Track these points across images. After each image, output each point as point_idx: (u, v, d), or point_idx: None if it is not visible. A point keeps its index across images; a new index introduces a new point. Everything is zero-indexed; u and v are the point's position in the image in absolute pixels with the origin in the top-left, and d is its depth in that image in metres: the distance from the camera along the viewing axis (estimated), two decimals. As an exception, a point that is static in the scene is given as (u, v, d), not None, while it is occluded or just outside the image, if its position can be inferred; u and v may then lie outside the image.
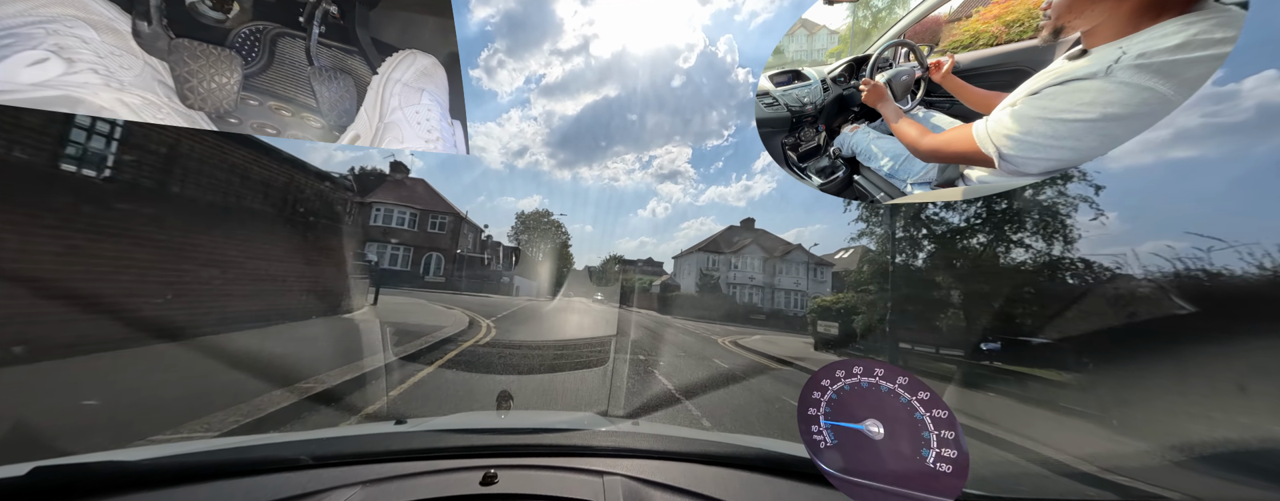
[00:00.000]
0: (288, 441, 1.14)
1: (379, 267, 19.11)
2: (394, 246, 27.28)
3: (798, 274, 34.35)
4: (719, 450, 1.18)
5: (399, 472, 0.97)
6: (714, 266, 34.65)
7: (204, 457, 0.99)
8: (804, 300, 29.54)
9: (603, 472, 1.02)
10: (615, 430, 1.35)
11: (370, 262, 15.56)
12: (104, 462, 0.87)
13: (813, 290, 32.56)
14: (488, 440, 1.16)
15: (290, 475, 0.94)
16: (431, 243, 28.95)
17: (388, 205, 27.92)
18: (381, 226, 27.22)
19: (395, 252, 27.45)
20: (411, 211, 28.66)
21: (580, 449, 1.15)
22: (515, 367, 5.90)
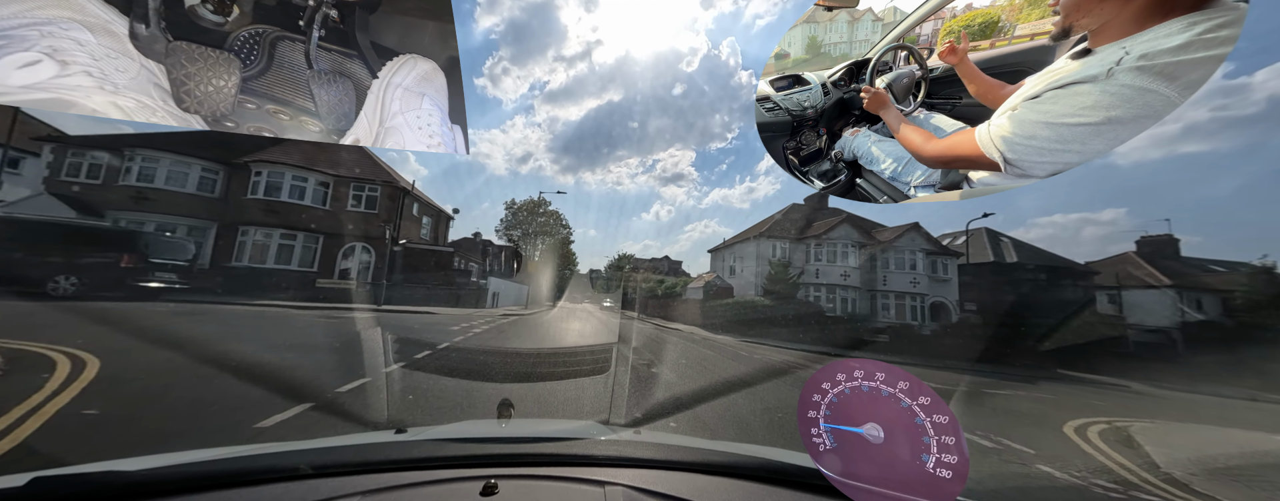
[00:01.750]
0: (288, 451, 1.12)
1: (194, 262, 12.52)
2: (270, 230, 17.03)
3: (913, 267, 21.74)
4: (721, 459, 1.17)
5: (399, 482, 0.96)
6: (787, 256, 22.78)
7: (203, 467, 0.98)
8: (925, 306, 21.21)
9: (604, 482, 1.01)
10: (616, 439, 1.33)
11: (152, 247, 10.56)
12: (103, 472, 0.87)
13: (936, 292, 21.75)
14: (488, 449, 1.15)
15: (290, 485, 0.93)
16: (353, 228, 18.71)
17: (274, 166, 17.33)
18: (262, 201, 17.00)
19: (288, 243, 17.40)
20: (320, 179, 18.21)
21: (581, 458, 1.14)
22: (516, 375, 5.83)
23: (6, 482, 0.79)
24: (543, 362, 6.83)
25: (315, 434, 3.44)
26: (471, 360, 6.35)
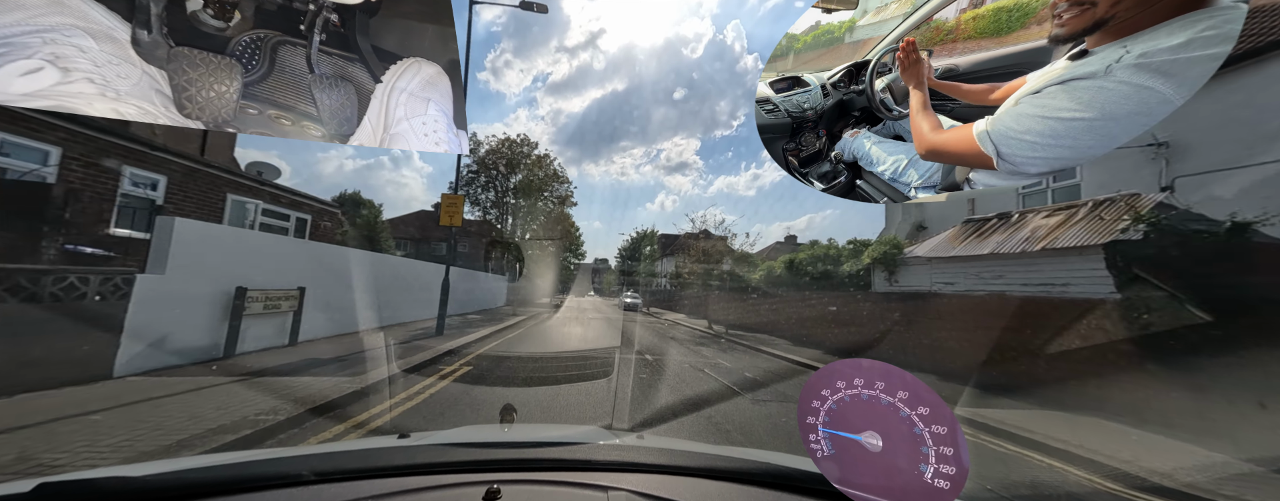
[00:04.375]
0: (290, 456, 1.12)
1: None
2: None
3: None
4: (725, 464, 1.17)
5: (402, 488, 0.96)
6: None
7: (208, 473, 0.98)
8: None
9: (607, 487, 1.01)
10: (620, 444, 1.33)
11: None
12: (109, 478, 0.87)
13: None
14: (491, 454, 1.15)
15: (293, 490, 0.93)
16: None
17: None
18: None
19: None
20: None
21: (584, 463, 1.14)
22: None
23: (13, 488, 0.80)
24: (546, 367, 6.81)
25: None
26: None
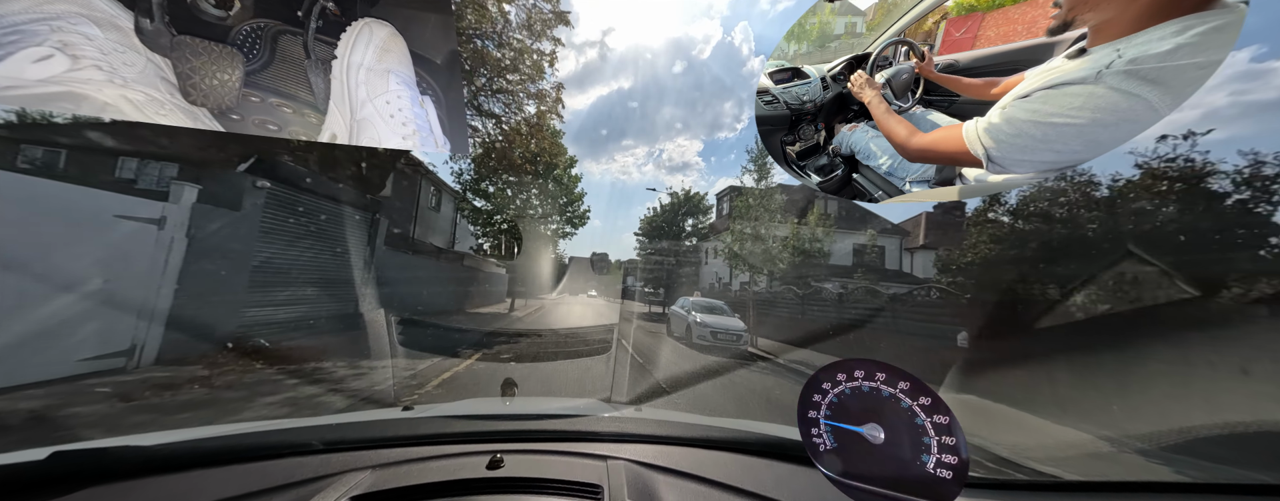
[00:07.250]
0: (299, 427, 1.17)
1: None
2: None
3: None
4: (720, 435, 1.21)
5: (407, 457, 1.00)
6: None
7: (218, 443, 1.01)
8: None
9: (606, 457, 1.04)
10: (618, 416, 1.37)
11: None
12: (121, 447, 0.90)
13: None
14: (494, 426, 1.19)
15: (302, 459, 0.96)
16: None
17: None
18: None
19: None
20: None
21: (584, 434, 1.17)
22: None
23: (29, 456, 0.82)
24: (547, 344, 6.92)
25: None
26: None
